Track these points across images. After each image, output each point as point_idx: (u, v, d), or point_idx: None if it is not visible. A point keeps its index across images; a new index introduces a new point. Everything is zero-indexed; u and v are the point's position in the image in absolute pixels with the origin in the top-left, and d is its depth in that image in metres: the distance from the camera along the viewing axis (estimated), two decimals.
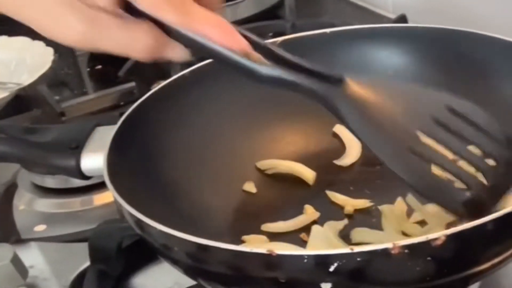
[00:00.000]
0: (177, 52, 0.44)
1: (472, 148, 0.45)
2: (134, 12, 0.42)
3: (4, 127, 0.52)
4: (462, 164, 0.45)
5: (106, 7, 0.41)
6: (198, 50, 0.44)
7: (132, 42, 0.43)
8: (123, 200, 0.43)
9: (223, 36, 0.43)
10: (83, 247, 0.54)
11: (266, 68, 0.43)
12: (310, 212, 0.53)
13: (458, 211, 0.43)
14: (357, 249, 0.36)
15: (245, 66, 0.43)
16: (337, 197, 0.54)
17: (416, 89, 0.48)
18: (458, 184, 0.44)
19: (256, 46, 0.45)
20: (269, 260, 0.37)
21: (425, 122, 0.45)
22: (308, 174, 0.56)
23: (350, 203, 0.53)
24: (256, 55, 0.44)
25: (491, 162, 0.45)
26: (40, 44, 0.86)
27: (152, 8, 0.42)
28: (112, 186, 0.44)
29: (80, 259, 0.55)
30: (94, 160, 0.48)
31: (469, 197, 0.43)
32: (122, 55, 0.44)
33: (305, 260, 0.36)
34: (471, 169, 0.44)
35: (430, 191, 0.44)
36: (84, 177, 0.50)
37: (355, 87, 0.45)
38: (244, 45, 0.44)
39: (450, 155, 0.45)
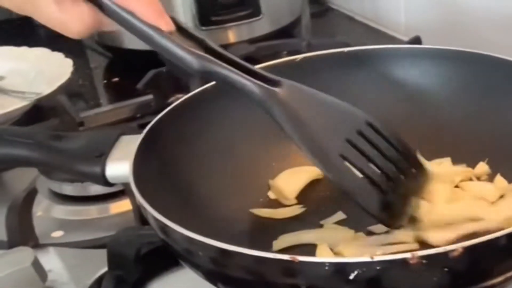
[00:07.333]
0: (110, 25, 0.47)
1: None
2: None
3: (31, 133, 0.52)
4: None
5: None
6: (128, 28, 0.46)
7: (68, 23, 0.46)
8: (149, 205, 0.44)
9: (151, 13, 0.45)
10: (100, 253, 0.55)
11: (194, 53, 0.45)
12: None
13: (375, 212, 0.47)
14: (377, 257, 0.37)
15: (170, 49, 0.45)
16: None
17: (341, 103, 0.50)
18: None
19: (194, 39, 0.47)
20: (291, 266, 0.38)
21: (351, 132, 0.49)
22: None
23: None
24: (180, 38, 0.46)
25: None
26: (59, 55, 0.87)
27: None
28: (138, 192, 0.45)
29: (97, 265, 0.55)
30: (118, 168, 0.49)
31: (385, 199, 0.47)
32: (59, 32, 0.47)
33: (326, 268, 0.37)
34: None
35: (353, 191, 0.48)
36: (108, 184, 0.50)
37: (290, 92, 0.48)
38: (172, 26, 0.46)
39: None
